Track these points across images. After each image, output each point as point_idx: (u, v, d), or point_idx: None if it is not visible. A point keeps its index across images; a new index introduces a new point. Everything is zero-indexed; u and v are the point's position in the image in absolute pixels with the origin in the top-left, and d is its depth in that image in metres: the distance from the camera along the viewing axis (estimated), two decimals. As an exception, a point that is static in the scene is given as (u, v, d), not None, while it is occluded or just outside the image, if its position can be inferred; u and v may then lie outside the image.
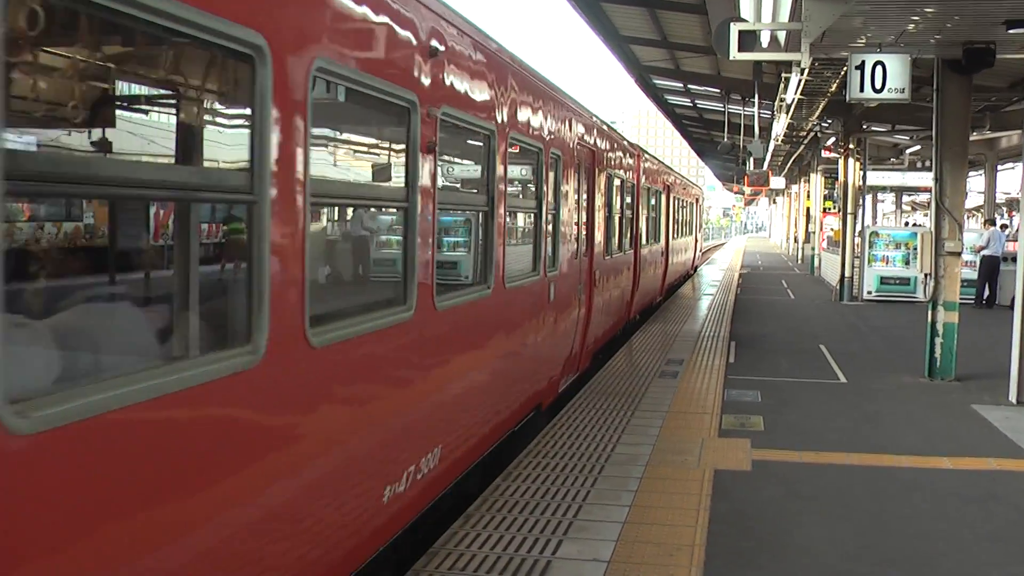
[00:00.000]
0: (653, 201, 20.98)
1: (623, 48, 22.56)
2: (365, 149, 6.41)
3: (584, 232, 12.03)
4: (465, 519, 6.80)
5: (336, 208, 6.14)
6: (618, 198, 15.49)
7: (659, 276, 22.44)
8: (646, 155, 19.50)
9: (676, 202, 26.40)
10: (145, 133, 3.80)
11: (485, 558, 6.06)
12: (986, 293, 23.21)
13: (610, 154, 14.12)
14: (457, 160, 7.94)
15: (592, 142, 12.29)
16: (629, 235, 17.00)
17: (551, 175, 9.80)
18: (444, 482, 6.67)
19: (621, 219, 15.75)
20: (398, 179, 5.87)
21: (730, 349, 15.60)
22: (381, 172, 6.29)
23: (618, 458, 8.52)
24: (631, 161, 16.86)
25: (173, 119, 4.04)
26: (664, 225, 23.10)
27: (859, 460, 8.84)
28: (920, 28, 11.84)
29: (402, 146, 5.72)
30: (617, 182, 15.23)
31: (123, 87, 3.71)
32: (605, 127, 13.77)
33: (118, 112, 3.69)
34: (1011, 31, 11.38)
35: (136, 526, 3.34)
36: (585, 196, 12.02)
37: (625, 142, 16.42)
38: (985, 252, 22.91)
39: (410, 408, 5.90)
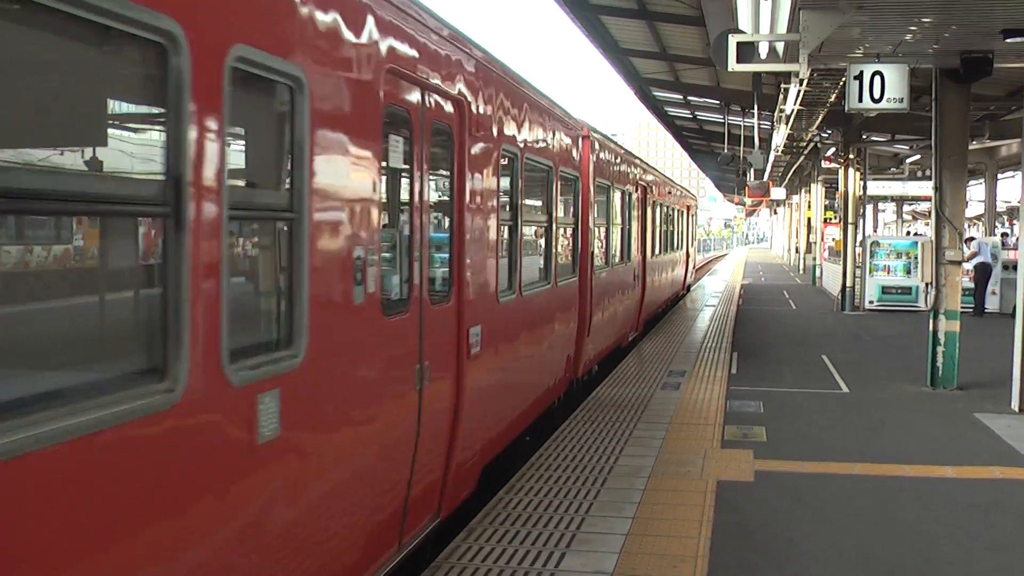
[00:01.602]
0: (619, 206, 15.83)
1: (623, 60, 22.64)
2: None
3: (452, 260, 6.92)
4: (468, 532, 6.79)
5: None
6: (541, 199, 10.43)
7: (632, 306, 17.38)
8: (601, 139, 13.72)
9: (658, 209, 21.46)
10: (43, 137, 3.23)
11: (488, 571, 6.05)
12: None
13: (506, 116, 8.20)
14: None
15: (454, 85, 6.67)
16: (573, 255, 11.94)
17: (265, 130, 4.65)
18: None
19: (550, 232, 10.46)
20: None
21: (732, 360, 15.58)
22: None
23: (621, 470, 8.51)
24: (568, 143, 11.30)
25: (74, 121, 3.44)
26: (639, 239, 18.06)
27: (862, 470, 8.83)
28: (918, 38, 11.87)
29: None
30: (536, 173, 9.91)
31: (12, 84, 3.03)
32: (494, 65, 7.85)
33: (9, 114, 3.02)
34: (1008, 40, 11.41)
35: None
36: (454, 193, 6.93)
37: (545, 102, 10.06)
38: (978, 259, 23.02)
39: None
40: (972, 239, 24.36)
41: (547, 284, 10.30)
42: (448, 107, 6.71)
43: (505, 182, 8.51)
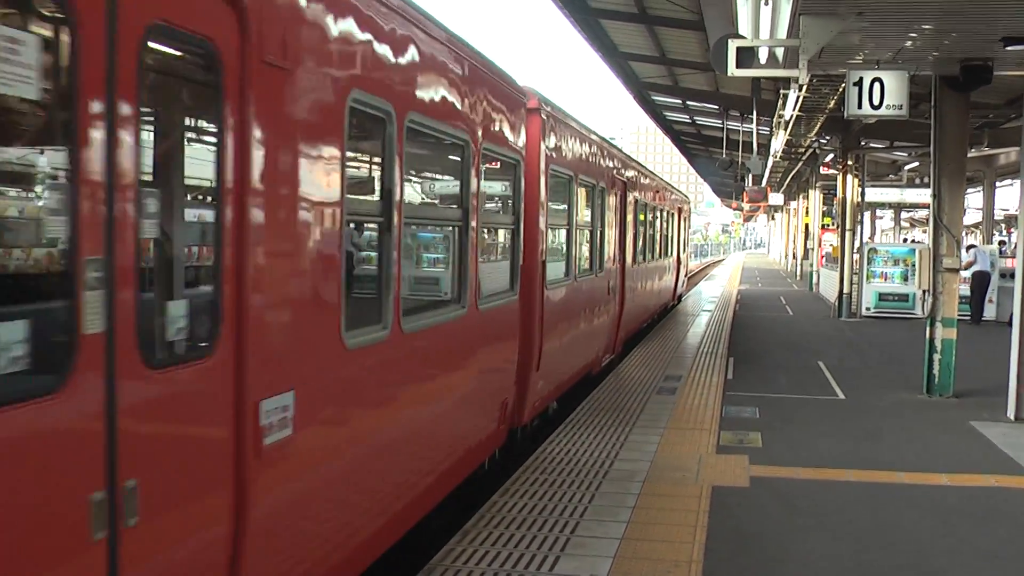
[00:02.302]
0: (588, 205, 13.18)
1: (622, 65, 22.65)
2: None
3: (220, 281, 4.03)
4: (462, 535, 6.77)
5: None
6: (447, 186, 8.00)
7: (606, 325, 14.42)
8: (559, 117, 10.82)
9: (642, 210, 18.78)
10: None
11: (482, 574, 6.03)
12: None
13: (362, 49, 5.27)
14: None
15: None
16: (512, 266, 9.09)
17: None
18: None
19: (465, 234, 7.36)
20: None
21: (728, 365, 15.57)
22: None
23: (616, 474, 8.49)
24: (504, 114, 8.31)
25: None
26: (617, 244, 15.30)
27: (858, 476, 8.81)
28: (918, 45, 11.88)
29: None
30: (435, 147, 7.28)
31: None
32: None
33: None
34: (1008, 48, 11.42)
35: None
36: (225, 161, 4.00)
37: (461, 49, 7.12)
38: (976, 268, 23.02)
39: None
40: (973, 247, 24.35)
41: (459, 309, 7.23)
42: (208, 5, 3.86)
43: (360, 153, 5.75)
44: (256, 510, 4.11)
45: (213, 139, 3.98)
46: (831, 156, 29.10)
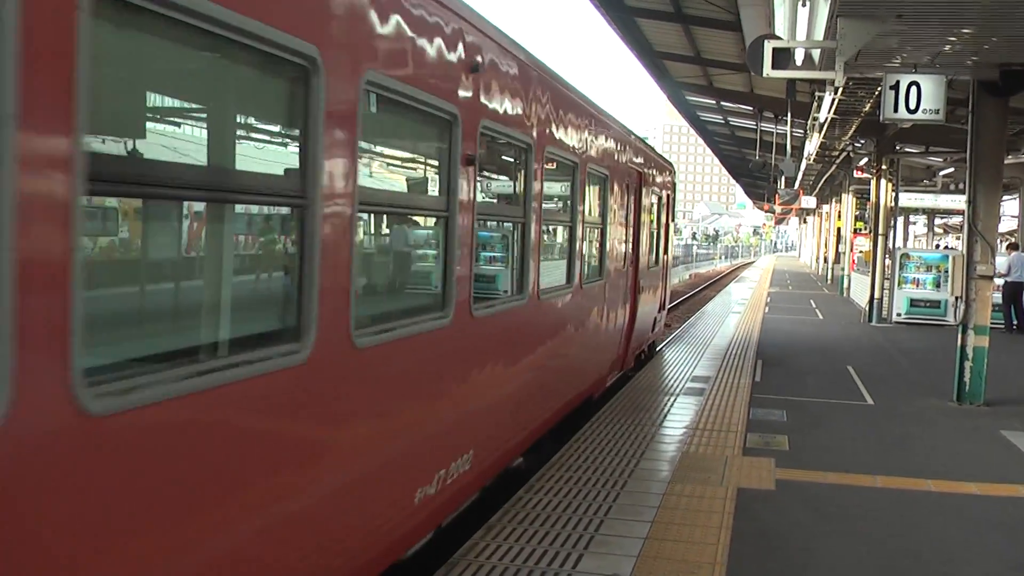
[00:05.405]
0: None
1: (656, 64, 22.60)
2: None
3: None
4: (487, 529, 6.79)
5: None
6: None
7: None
8: None
9: (556, 170, 9.09)
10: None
11: (505, 570, 6.05)
12: (1013, 320, 22.92)
13: None
14: None
15: None
16: None
17: None
18: None
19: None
20: None
21: (756, 368, 15.50)
22: None
23: (641, 474, 8.49)
24: None
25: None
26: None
27: (885, 483, 8.75)
28: (956, 49, 11.75)
29: None
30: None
31: None
32: None
33: None
34: (1049, 54, 11.28)
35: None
36: None
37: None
38: (1007, 278, 22.68)
39: None
40: (1014, 247, 23.94)
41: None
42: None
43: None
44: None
45: None
46: (865, 160, 28.89)
